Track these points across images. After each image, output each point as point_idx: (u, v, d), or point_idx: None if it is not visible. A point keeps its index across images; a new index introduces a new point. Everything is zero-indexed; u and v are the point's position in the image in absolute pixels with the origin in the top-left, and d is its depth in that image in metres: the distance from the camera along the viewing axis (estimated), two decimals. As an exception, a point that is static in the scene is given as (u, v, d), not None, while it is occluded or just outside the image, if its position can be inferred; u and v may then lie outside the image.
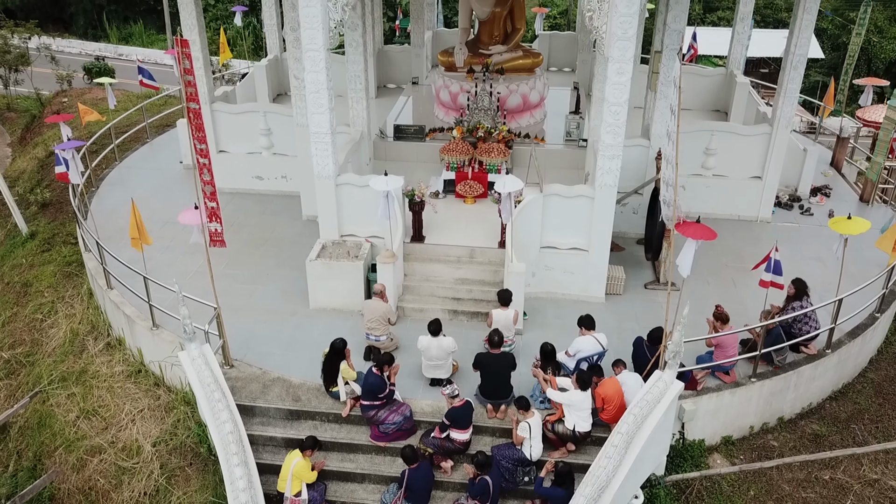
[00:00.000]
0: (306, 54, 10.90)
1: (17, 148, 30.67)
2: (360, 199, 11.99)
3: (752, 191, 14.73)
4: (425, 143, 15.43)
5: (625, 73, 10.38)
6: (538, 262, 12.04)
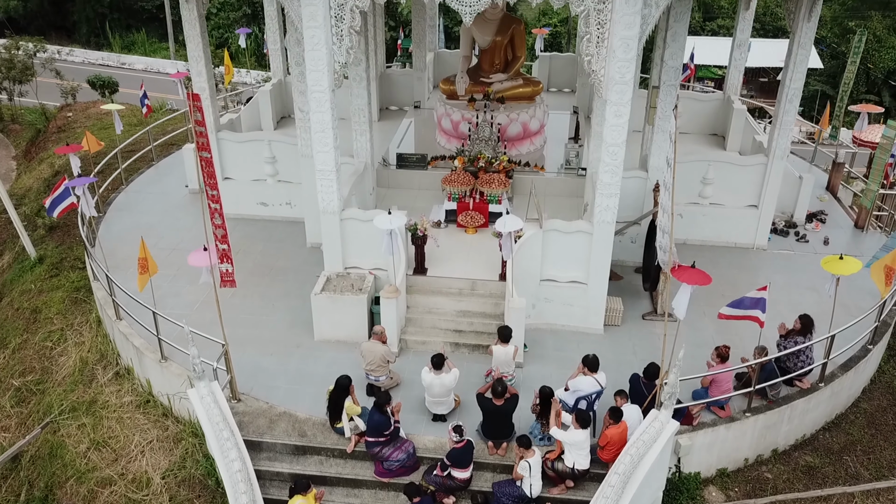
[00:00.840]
0: (312, 95, 11.17)
1: (22, 162, 30.94)
2: (363, 233, 12.26)
3: (748, 219, 15.00)
4: (427, 171, 15.70)
5: (622, 115, 10.67)
6: (538, 294, 12.32)
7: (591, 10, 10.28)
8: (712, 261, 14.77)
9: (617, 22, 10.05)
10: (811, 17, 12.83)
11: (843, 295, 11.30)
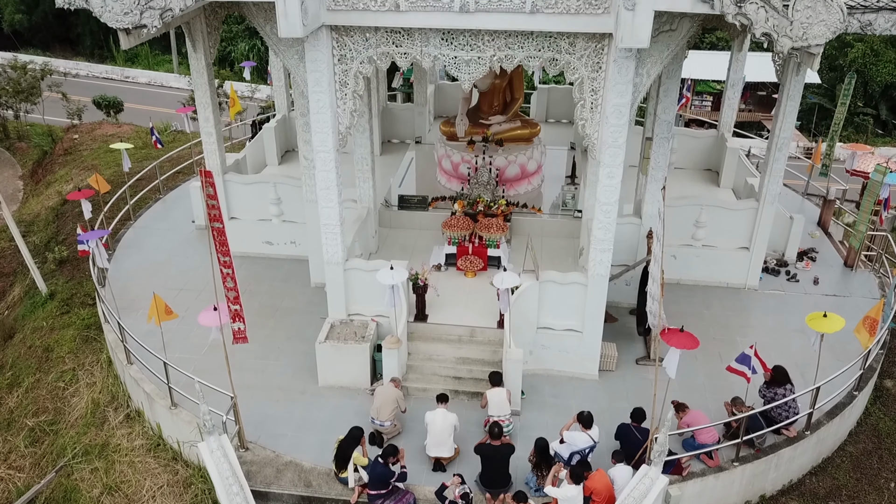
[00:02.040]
0: (317, 155, 11.62)
1: (29, 182, 31.38)
2: (366, 282, 12.69)
3: (740, 260, 15.42)
4: (428, 212, 16.13)
5: (615, 176, 11.10)
6: (535, 341, 12.76)
7: (585, 78, 10.73)
8: (705, 301, 15.29)
9: (610, 90, 10.49)
10: (799, 71, 13.27)
11: (829, 339, 11.65)
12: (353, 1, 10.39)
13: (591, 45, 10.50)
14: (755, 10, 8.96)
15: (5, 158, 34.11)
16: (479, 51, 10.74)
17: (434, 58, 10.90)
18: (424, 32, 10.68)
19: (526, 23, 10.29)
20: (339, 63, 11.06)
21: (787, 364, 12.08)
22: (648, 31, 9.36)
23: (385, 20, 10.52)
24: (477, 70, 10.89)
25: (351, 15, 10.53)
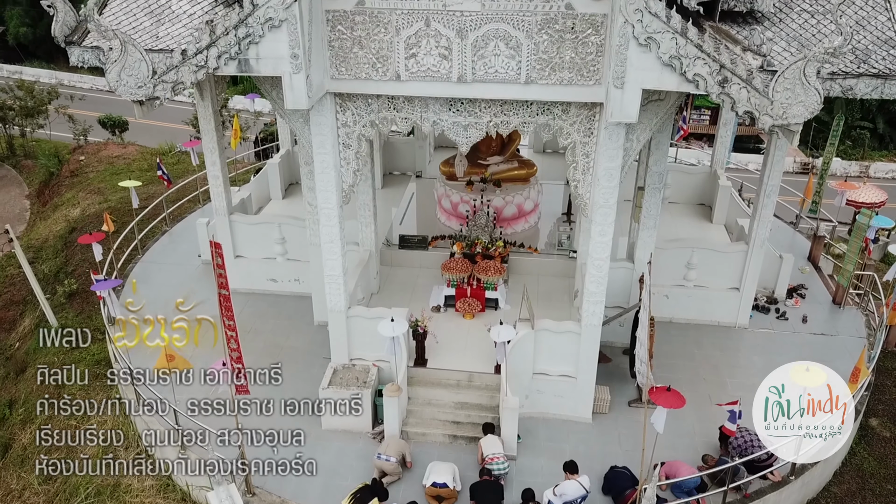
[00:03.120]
0: (322, 211, 12.12)
1: (35, 202, 31.87)
2: (368, 329, 13.16)
3: (730, 300, 15.89)
4: (428, 251, 16.61)
5: (606, 234, 11.60)
6: (531, 386, 13.24)
7: (577, 142, 11.22)
8: (696, 341, 15.77)
9: (601, 154, 10.97)
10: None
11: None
12: (355, 71, 10.89)
13: (584, 112, 11.00)
14: (738, 91, 9.45)
15: (12, 177, 34.63)
16: (477, 117, 11.23)
17: (433, 122, 11.39)
18: (424, 99, 11.17)
19: (521, 93, 10.79)
20: (343, 126, 11.56)
21: (774, 407, 12.55)
22: (637, 108, 9.85)
23: (386, 89, 11.01)
24: (474, 135, 11.38)
25: (354, 84, 11.02)
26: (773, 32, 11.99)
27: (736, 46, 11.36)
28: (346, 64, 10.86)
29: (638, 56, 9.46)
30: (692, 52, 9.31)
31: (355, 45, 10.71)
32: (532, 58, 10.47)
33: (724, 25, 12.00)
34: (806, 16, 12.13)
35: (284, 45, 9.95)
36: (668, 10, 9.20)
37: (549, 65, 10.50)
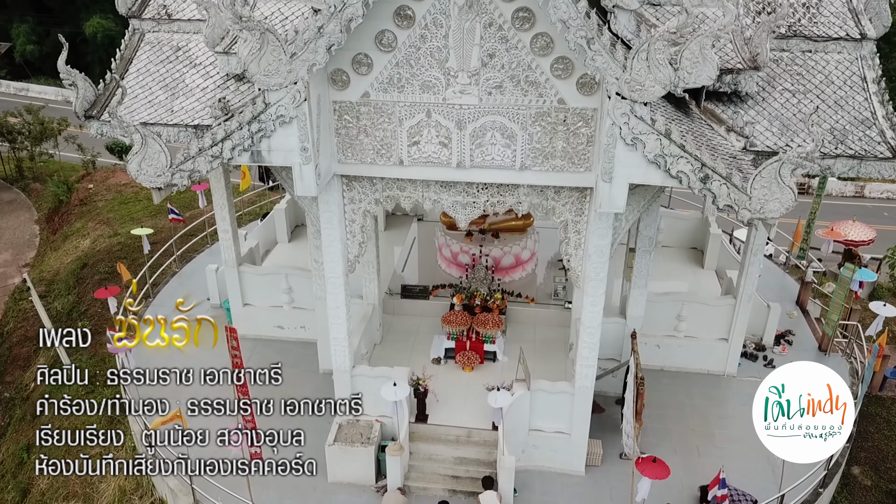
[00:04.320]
0: (329, 280, 12.82)
1: (45, 228, 32.52)
2: (372, 386, 13.84)
3: (719, 350, 16.55)
4: (429, 301, 17.29)
5: (598, 304, 12.26)
6: (527, 441, 13.91)
7: (569, 221, 11.89)
8: (686, 390, 16.42)
9: (592, 233, 11.63)
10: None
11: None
12: (361, 156, 11.57)
13: (575, 194, 11.67)
14: (718, 187, 10.11)
15: (21, 200, 35.33)
16: (474, 197, 11.91)
17: (434, 201, 12.07)
18: (426, 182, 11.84)
19: (516, 178, 11.47)
20: (349, 204, 12.24)
21: (758, 458, 13.29)
22: (624, 200, 10.52)
23: (390, 172, 11.70)
24: (472, 213, 12.06)
25: (360, 167, 11.71)
26: (757, 111, 12.70)
27: (721, 126, 12.06)
28: (353, 150, 11.54)
29: (625, 154, 10.13)
30: (675, 151, 9.97)
31: (361, 133, 11.39)
32: (526, 147, 11.15)
33: (711, 104, 12.68)
34: (787, 95, 12.82)
35: (295, 138, 10.62)
36: (653, 113, 9.86)
37: (542, 153, 11.17)
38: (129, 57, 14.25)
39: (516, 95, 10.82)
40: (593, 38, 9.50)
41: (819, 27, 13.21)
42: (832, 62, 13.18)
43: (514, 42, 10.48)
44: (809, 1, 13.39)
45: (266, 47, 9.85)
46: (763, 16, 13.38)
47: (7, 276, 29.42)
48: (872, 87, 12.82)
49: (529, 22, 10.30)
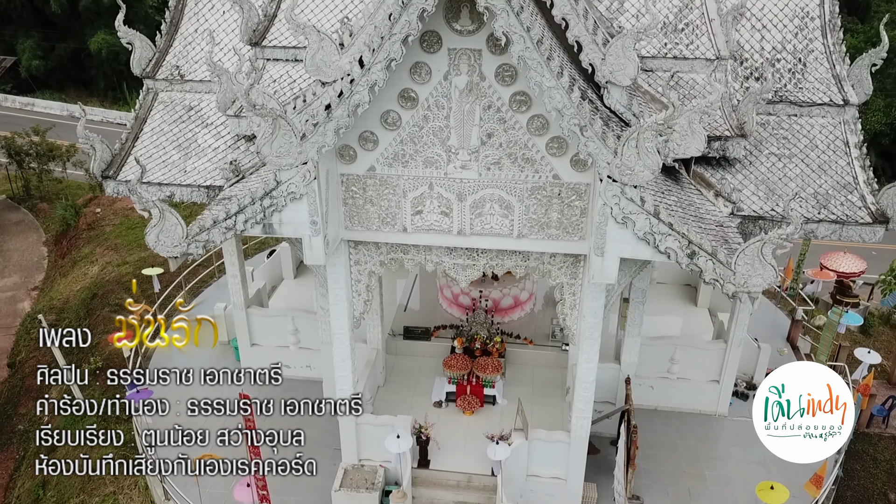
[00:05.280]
0: (335, 335, 13.43)
1: (53, 251, 33.00)
2: (376, 434, 14.45)
3: (711, 390, 17.16)
4: (431, 342, 17.90)
5: (592, 361, 12.87)
6: (525, 487, 14.52)
7: (564, 283, 12.50)
8: (679, 430, 17.02)
9: (586, 296, 12.24)
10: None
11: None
12: (367, 224, 12.18)
13: (570, 259, 12.28)
14: (704, 262, 10.71)
15: (28, 221, 35.81)
16: (474, 260, 12.53)
17: (436, 263, 12.68)
18: (428, 247, 12.45)
19: (513, 244, 12.09)
20: (355, 265, 12.86)
21: (746, 500, 13.85)
22: (615, 272, 11.13)
23: (394, 238, 12.31)
24: (472, 274, 12.68)
25: (366, 233, 12.33)
26: (744, 175, 13.31)
27: (709, 191, 12.67)
28: (359, 218, 12.15)
29: (616, 231, 10.73)
30: (664, 229, 10.57)
31: (367, 203, 12.00)
32: (523, 217, 11.76)
33: (700, 168, 13.28)
34: (774, 159, 13.42)
35: (305, 213, 11.23)
36: (643, 193, 10.46)
37: (538, 223, 11.79)
38: (144, 117, 14.84)
39: (513, 171, 11.43)
40: (586, 125, 10.10)
41: (804, 93, 13.81)
42: (817, 126, 13.78)
43: (512, 123, 11.09)
44: (795, 67, 13.99)
45: (278, 131, 10.45)
46: (751, 81, 14.01)
47: (16, 299, 29.97)
48: (855, 151, 13.43)
49: (526, 105, 10.91)
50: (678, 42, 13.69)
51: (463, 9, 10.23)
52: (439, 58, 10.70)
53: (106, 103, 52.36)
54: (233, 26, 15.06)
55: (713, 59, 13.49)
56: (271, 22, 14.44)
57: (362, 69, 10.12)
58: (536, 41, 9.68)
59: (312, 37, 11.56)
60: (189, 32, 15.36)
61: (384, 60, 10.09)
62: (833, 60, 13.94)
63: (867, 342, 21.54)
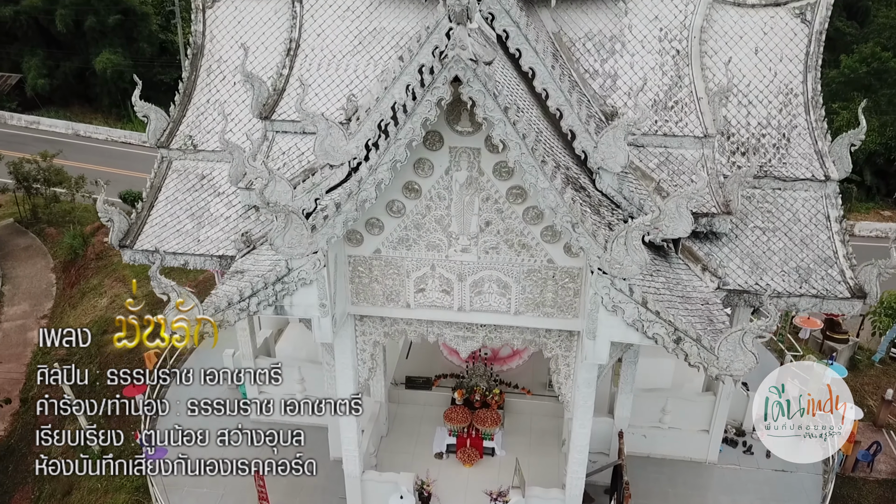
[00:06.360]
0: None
1: (62, 279, 33.62)
2: (380, 489, 15.16)
3: (701, 439, 17.86)
4: (432, 391, 18.60)
5: (586, 426, 13.59)
6: (522, 539, 15.24)
7: (559, 355, 13.21)
8: (670, 478, 17.70)
9: (580, 368, 12.94)
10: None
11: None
12: (372, 300, 12.90)
13: (565, 334, 12.98)
14: (689, 347, 11.41)
15: (37, 246, 36.41)
16: (473, 333, 13.23)
17: (437, 335, 13.39)
18: (430, 321, 13.15)
19: (511, 321, 12.80)
20: (360, 336, 13.57)
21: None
22: (607, 354, 11.84)
23: (398, 313, 13.02)
24: (472, 346, 13.39)
25: (371, 309, 13.04)
26: (730, 248, 14.01)
27: (696, 265, 13.38)
28: (365, 294, 12.86)
29: (606, 317, 11.43)
30: (651, 317, 11.27)
31: (373, 282, 12.71)
32: (519, 297, 12.47)
33: (688, 241, 13.98)
34: (758, 232, 14.12)
35: (314, 296, 11.94)
36: (631, 286, 11.16)
37: (533, 302, 12.50)
38: (158, 185, 15.55)
39: (510, 255, 12.14)
40: (577, 223, 10.80)
41: (788, 168, 14.51)
42: (799, 200, 14.47)
43: (509, 213, 11.80)
44: (780, 142, 14.69)
45: (290, 225, 11.16)
46: (738, 156, 14.71)
47: (26, 328, 30.61)
48: (835, 225, 14.12)
49: (522, 198, 11.62)
50: (668, 119, 14.40)
51: (463, 112, 10.92)
52: (441, 155, 11.41)
53: (110, 120, 52.99)
54: (243, 97, 15.76)
55: (701, 136, 14.20)
56: (280, 96, 15.14)
57: (369, 171, 10.81)
58: (531, 148, 10.38)
59: (321, 124, 12.30)
60: (202, 103, 16.06)
61: (389, 162, 10.79)
62: (815, 136, 14.64)
63: (855, 379, 22.28)
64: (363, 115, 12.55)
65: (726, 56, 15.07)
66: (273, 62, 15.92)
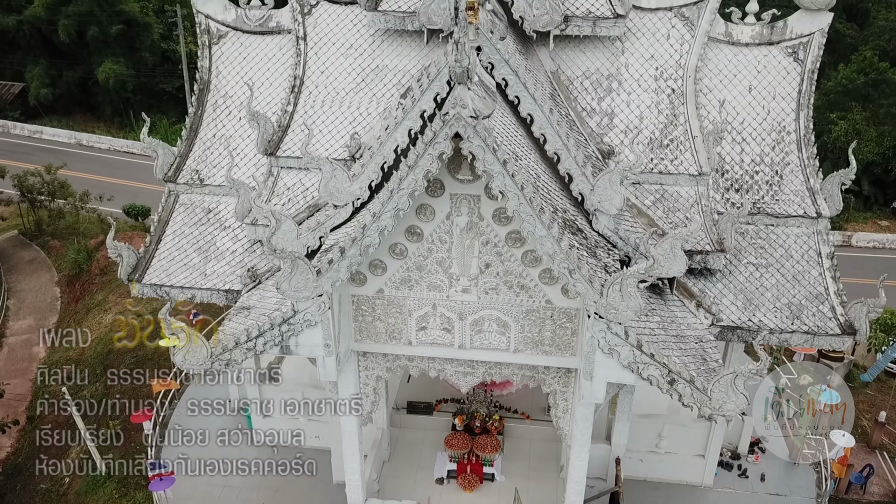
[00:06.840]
0: (345, 433, 14.49)
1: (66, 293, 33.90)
2: (383, 516, 15.57)
3: (696, 463, 18.22)
4: (433, 416, 18.96)
5: (583, 459, 13.95)
6: (521, 565, 15.62)
7: (557, 391, 13.57)
8: (667, 501, 18.07)
9: (577, 403, 13.30)
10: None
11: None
12: (375, 337, 13.26)
13: (562, 371, 13.34)
14: (683, 387, 11.77)
15: (41, 259, 36.67)
16: (474, 369, 13.60)
17: (439, 370, 13.75)
18: (431, 357, 13.51)
19: (510, 358, 13.17)
20: (363, 371, 13.92)
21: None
22: (603, 393, 12.20)
23: (400, 350, 13.38)
24: (472, 381, 13.75)
25: (374, 345, 13.39)
26: (724, 284, 14.36)
27: (691, 302, 13.74)
28: (368, 332, 13.22)
29: (603, 359, 11.79)
30: (646, 359, 11.62)
31: (376, 320, 13.07)
32: (518, 335, 12.82)
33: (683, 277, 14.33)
34: (752, 268, 14.48)
35: (319, 336, 12.30)
36: (626, 329, 11.52)
37: (532, 340, 12.86)
38: (166, 219, 15.90)
39: (509, 295, 12.50)
40: (574, 269, 11.15)
41: (780, 205, 14.85)
42: (792, 236, 14.82)
43: (508, 256, 12.16)
44: (773, 179, 15.04)
45: (296, 270, 11.52)
46: (731, 192, 15.07)
47: (31, 342, 30.86)
48: (826, 262, 14.47)
49: (520, 242, 11.98)
50: (663, 157, 14.75)
51: (464, 162, 11.26)
52: (442, 201, 11.77)
53: (112, 129, 53.27)
54: (249, 132, 16.10)
55: (696, 174, 14.56)
56: (285, 133, 15.49)
57: (373, 218, 11.16)
58: (529, 198, 10.74)
59: (326, 167, 12.68)
60: (207, 137, 16.41)
61: (393, 210, 11.14)
62: (807, 174, 14.99)
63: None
64: (366, 156, 12.90)
65: (720, 94, 15.45)
66: (278, 98, 16.27)
